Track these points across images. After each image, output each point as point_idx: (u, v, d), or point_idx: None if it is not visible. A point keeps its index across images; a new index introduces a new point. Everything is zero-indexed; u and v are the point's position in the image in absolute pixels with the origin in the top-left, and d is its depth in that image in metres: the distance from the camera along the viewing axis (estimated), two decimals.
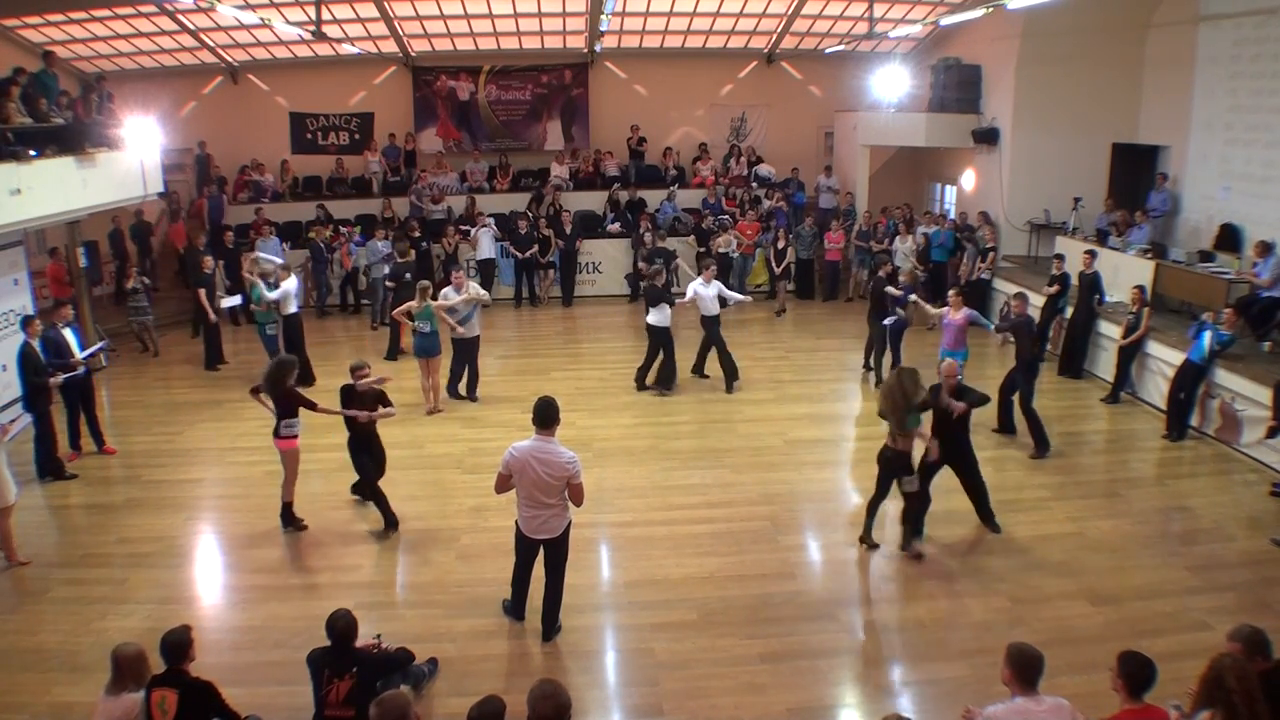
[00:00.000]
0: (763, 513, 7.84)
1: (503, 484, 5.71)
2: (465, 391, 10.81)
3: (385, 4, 14.99)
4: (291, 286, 11.15)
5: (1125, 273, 11.46)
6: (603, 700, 5.54)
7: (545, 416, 5.62)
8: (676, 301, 11.05)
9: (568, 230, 15.60)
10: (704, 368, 11.38)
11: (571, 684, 4.99)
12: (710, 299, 10.81)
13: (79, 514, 8.19)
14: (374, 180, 17.15)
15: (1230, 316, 9.26)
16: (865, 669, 5.79)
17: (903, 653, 5.94)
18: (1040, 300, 11.68)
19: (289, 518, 7.65)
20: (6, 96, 10.17)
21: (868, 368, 11.57)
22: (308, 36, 14.08)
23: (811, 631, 6.11)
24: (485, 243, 15.25)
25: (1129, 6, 13.47)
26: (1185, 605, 6.31)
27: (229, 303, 12.80)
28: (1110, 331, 11.07)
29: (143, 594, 6.63)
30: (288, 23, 13.48)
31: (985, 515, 7.47)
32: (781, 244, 14.96)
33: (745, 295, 11.75)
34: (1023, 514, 7.71)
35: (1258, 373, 8.93)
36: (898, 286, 11.14)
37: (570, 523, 5.85)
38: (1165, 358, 10.16)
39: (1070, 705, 3.88)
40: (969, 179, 16.19)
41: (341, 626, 4.62)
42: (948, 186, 17.54)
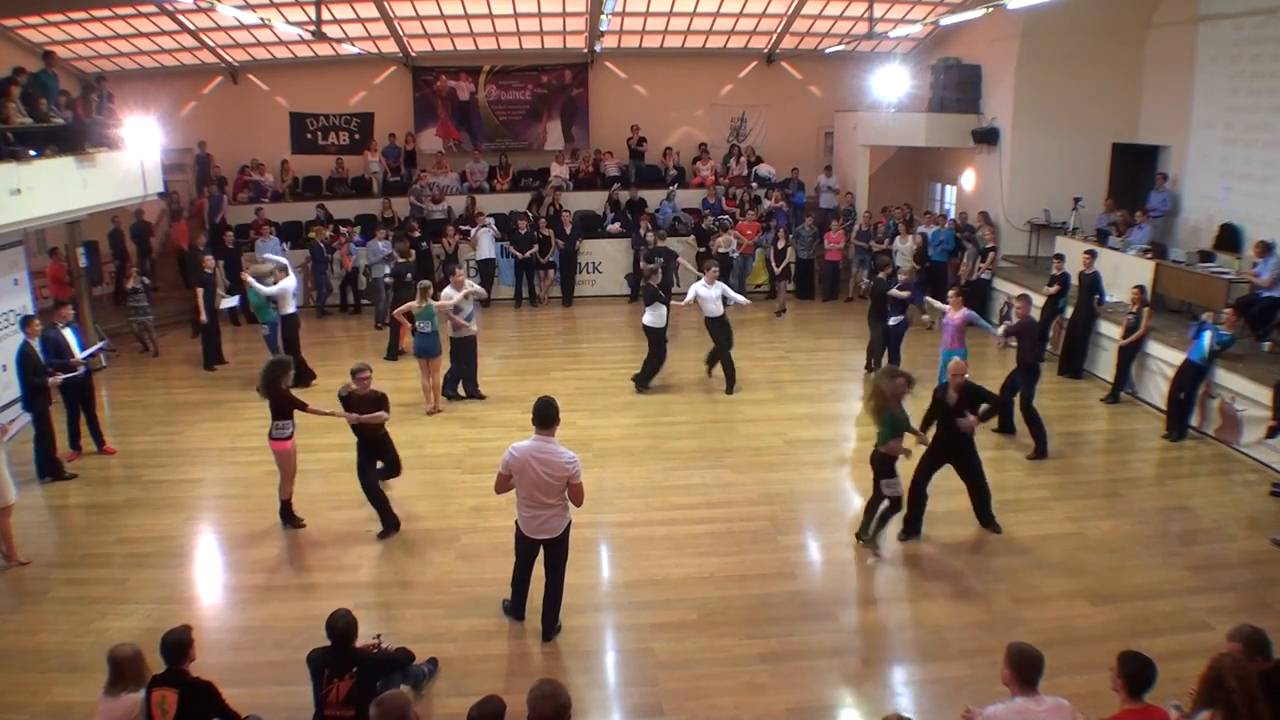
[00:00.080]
0: (763, 513, 7.84)
1: (503, 484, 5.71)
2: (464, 391, 10.81)
3: (385, 4, 14.99)
4: (290, 285, 11.15)
5: (1125, 273, 11.46)
6: (603, 700, 5.54)
7: (545, 416, 5.62)
8: (675, 303, 11.06)
9: (568, 230, 15.60)
10: (715, 364, 11.27)
11: (571, 684, 4.98)
12: (713, 300, 10.74)
13: (79, 514, 8.19)
14: (374, 180, 17.15)
15: (1230, 316, 9.26)
16: (865, 669, 5.79)
17: (903, 653, 5.94)
18: (1040, 300, 11.68)
19: (288, 516, 7.68)
20: (6, 96, 10.18)
21: (870, 369, 11.57)
22: (308, 36, 14.08)
23: (811, 631, 6.11)
24: (485, 243, 15.26)
25: (1129, 6, 13.47)
26: (1185, 605, 6.31)
27: (228, 303, 12.80)
28: (1110, 331, 11.07)
29: (143, 594, 6.63)
30: (288, 23, 13.49)
31: (986, 517, 7.46)
32: (781, 244, 14.96)
33: (745, 298, 11.66)
34: (1023, 514, 7.70)
35: (1258, 373, 8.94)
36: (900, 286, 11.11)
37: (570, 523, 5.86)
38: (1165, 358, 10.16)
39: (1070, 705, 3.89)
40: (969, 179, 16.19)
41: (341, 626, 4.62)
42: (948, 186, 17.53)
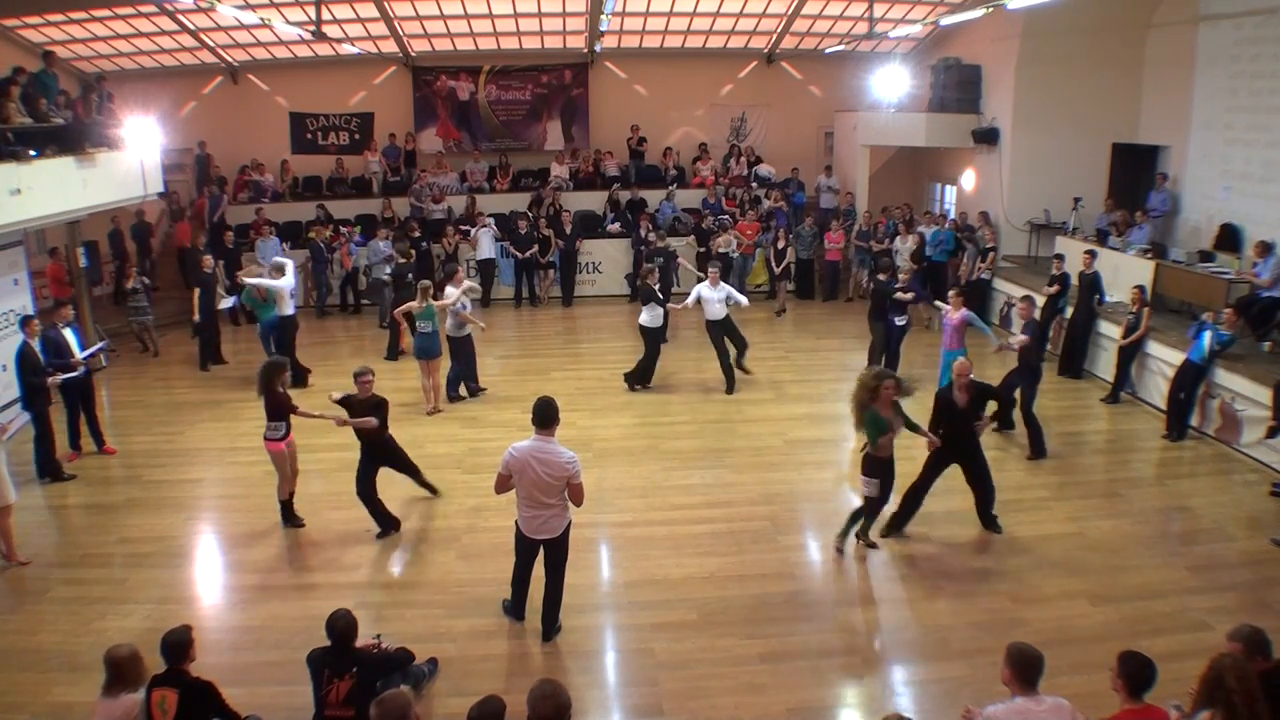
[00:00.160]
0: (763, 513, 7.84)
1: (502, 484, 5.71)
2: (465, 391, 10.80)
3: (385, 4, 14.99)
4: (286, 284, 11.11)
5: (1125, 273, 11.46)
6: (603, 700, 5.54)
7: (545, 416, 5.62)
8: (676, 305, 11.03)
9: (568, 230, 15.60)
10: (744, 360, 11.20)
11: (571, 684, 4.98)
12: (715, 303, 10.66)
13: (79, 514, 8.19)
14: (374, 180, 17.15)
15: (1230, 316, 9.26)
16: (865, 669, 5.79)
17: (903, 653, 5.94)
18: (1040, 300, 11.66)
19: (289, 515, 7.68)
20: (6, 96, 10.18)
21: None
22: (308, 36, 14.08)
23: (811, 631, 6.11)
24: (485, 243, 15.26)
25: (1129, 6, 13.47)
26: (1185, 605, 6.31)
27: (225, 303, 12.80)
28: (1110, 331, 11.07)
29: (143, 594, 6.63)
30: (288, 23, 13.48)
31: (988, 518, 7.46)
32: (781, 244, 14.96)
33: (746, 299, 11.58)
34: (1023, 514, 7.70)
35: (1258, 373, 8.94)
36: (904, 288, 11.00)
37: (570, 523, 5.85)
38: (1165, 358, 10.16)
39: (1070, 705, 3.89)
40: (969, 179, 16.19)
41: (341, 626, 4.62)
42: (948, 186, 17.53)
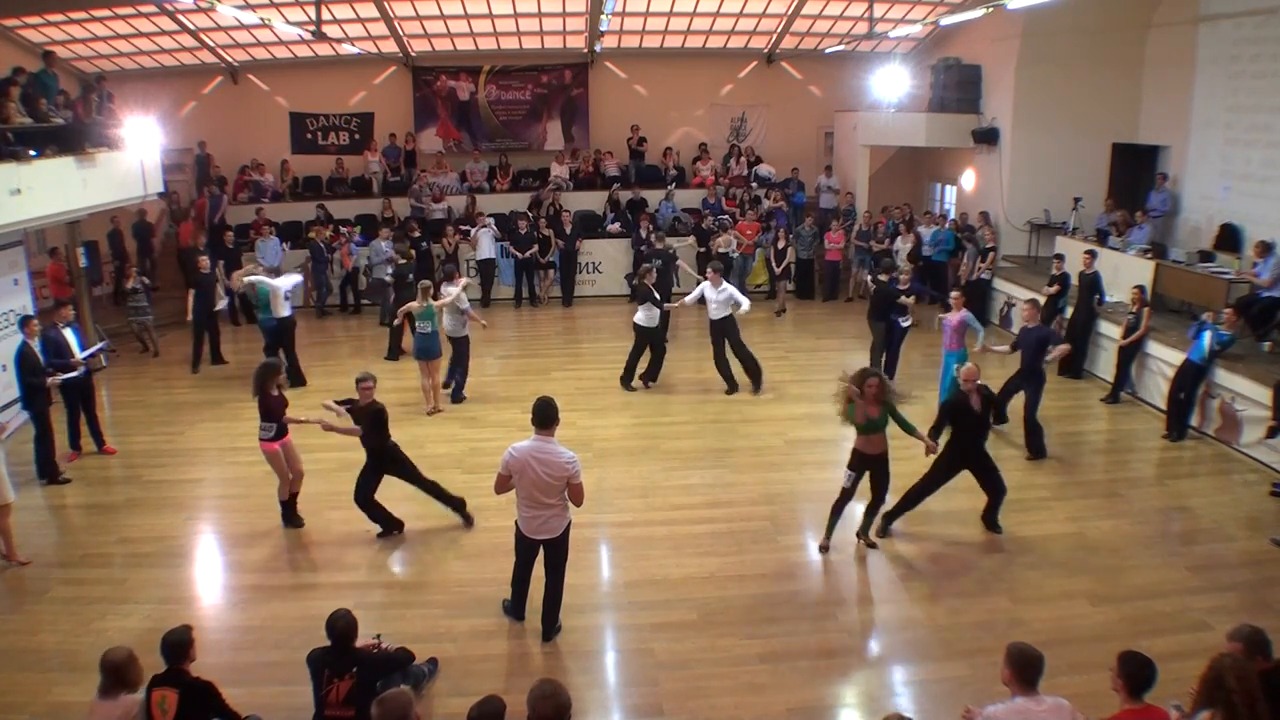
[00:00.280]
0: (763, 513, 7.84)
1: (502, 484, 5.71)
2: (453, 394, 10.74)
3: (385, 4, 14.99)
4: (282, 285, 11.09)
5: (1125, 273, 11.46)
6: (603, 700, 5.54)
7: (545, 416, 5.62)
8: (677, 302, 11.01)
9: (568, 230, 15.60)
10: (759, 389, 11.00)
11: (571, 684, 4.98)
12: (718, 303, 10.57)
13: (79, 514, 8.19)
14: (374, 180, 17.15)
15: (1230, 316, 9.26)
16: (865, 669, 5.80)
17: (903, 653, 5.94)
18: (1041, 301, 11.66)
19: (290, 514, 7.66)
20: (6, 96, 10.18)
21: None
22: (308, 36, 14.08)
23: (811, 631, 6.11)
24: (485, 243, 15.26)
25: (1129, 6, 13.47)
26: (1185, 605, 6.31)
27: (220, 304, 12.78)
28: (1110, 331, 11.07)
29: (143, 594, 6.63)
30: (288, 23, 13.48)
31: (992, 518, 7.45)
32: (781, 244, 14.95)
33: (747, 301, 11.44)
34: (1023, 514, 7.69)
35: (1258, 373, 8.94)
36: (907, 291, 10.91)
37: (570, 523, 5.85)
38: (1165, 358, 10.16)
39: (1070, 705, 3.88)
40: (969, 179, 16.19)
41: (341, 626, 4.62)
42: (948, 186, 17.53)
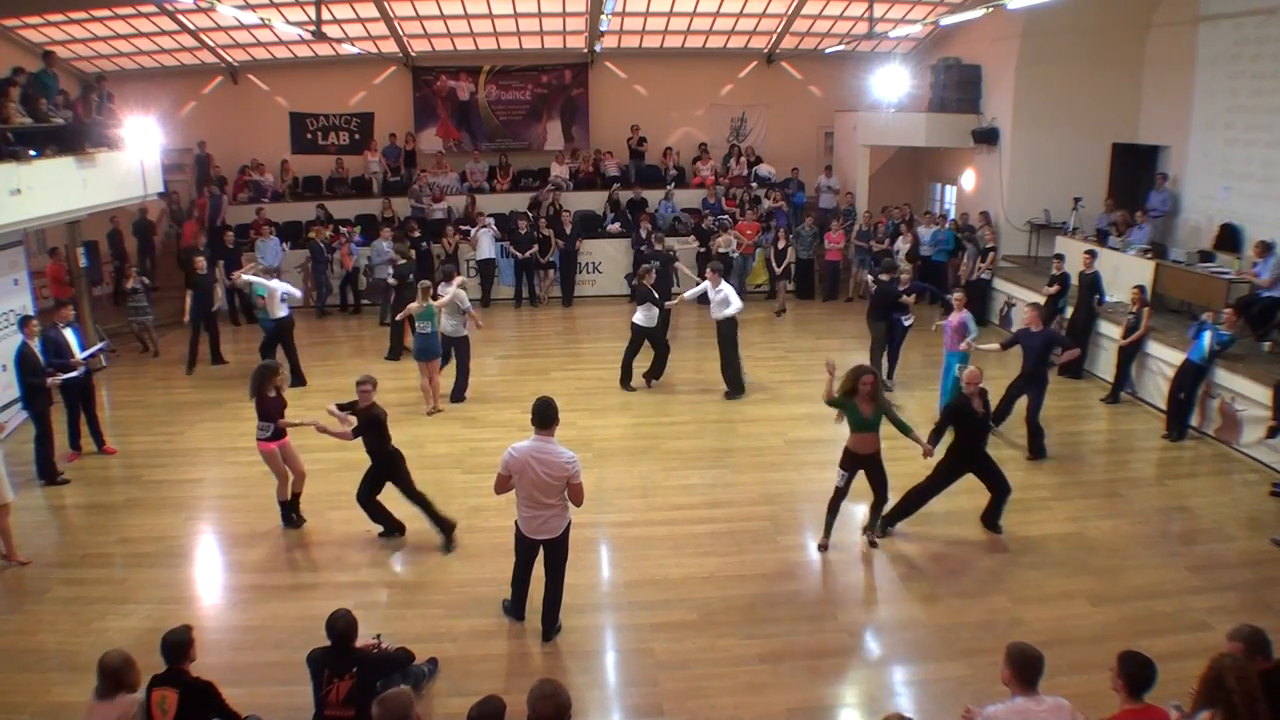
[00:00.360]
0: (763, 513, 7.85)
1: (502, 484, 5.71)
2: (453, 394, 10.73)
3: (385, 4, 14.99)
4: (275, 284, 11.08)
5: (1125, 273, 11.46)
6: (603, 700, 5.54)
7: (544, 417, 5.61)
8: (676, 299, 10.99)
9: (568, 230, 15.60)
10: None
11: (571, 684, 4.98)
12: (720, 304, 10.53)
13: (79, 514, 8.19)
14: (374, 180, 17.15)
15: (1230, 316, 9.26)
16: (865, 669, 5.80)
17: (903, 653, 5.94)
18: (1041, 300, 11.67)
19: (290, 514, 7.66)
20: (6, 96, 10.17)
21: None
22: (308, 36, 14.08)
23: (811, 631, 6.11)
24: (485, 243, 15.26)
25: (1129, 6, 13.47)
26: (1185, 605, 6.31)
27: (217, 305, 12.78)
28: (1110, 331, 11.07)
29: (143, 594, 6.62)
30: (288, 23, 13.49)
31: (992, 519, 7.44)
32: (781, 244, 14.96)
33: (741, 302, 11.31)
34: (1023, 514, 7.69)
35: (1258, 373, 8.94)
36: (907, 291, 10.87)
37: (570, 523, 5.85)
38: (1165, 358, 10.16)
39: (1070, 705, 3.88)
40: (969, 179, 16.19)
41: (341, 626, 4.62)
42: (948, 186, 17.54)
